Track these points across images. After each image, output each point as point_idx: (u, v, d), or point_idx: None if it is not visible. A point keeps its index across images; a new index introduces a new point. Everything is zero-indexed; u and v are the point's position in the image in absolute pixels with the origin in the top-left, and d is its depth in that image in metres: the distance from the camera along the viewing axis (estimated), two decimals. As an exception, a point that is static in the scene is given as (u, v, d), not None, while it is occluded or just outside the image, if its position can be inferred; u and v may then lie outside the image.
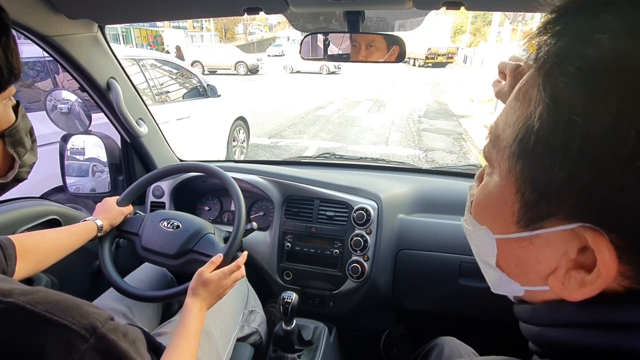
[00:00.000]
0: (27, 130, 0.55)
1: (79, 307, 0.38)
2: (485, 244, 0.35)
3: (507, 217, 0.31)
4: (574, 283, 0.27)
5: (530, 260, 0.31)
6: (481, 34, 36.56)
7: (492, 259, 0.35)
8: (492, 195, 0.33)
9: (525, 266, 0.31)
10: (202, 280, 0.78)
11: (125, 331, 0.40)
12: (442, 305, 1.17)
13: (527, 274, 0.31)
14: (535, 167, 0.27)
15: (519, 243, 0.31)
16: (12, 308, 0.35)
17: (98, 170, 1.31)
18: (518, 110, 0.29)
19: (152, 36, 30.38)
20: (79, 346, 0.35)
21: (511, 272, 0.33)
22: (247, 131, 4.43)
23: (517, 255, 0.32)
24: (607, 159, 0.23)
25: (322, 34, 0.95)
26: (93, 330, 0.36)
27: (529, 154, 0.27)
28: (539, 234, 0.29)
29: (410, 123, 7.03)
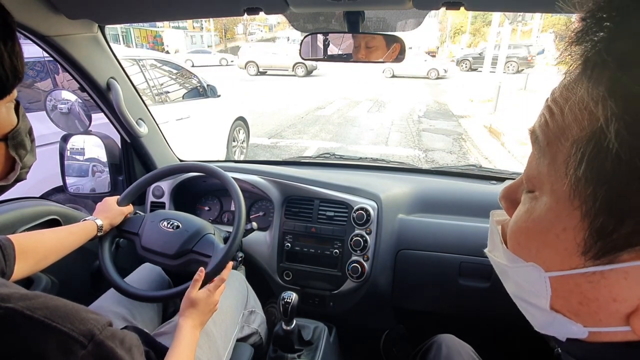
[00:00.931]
0: (27, 130, 0.55)
1: (78, 313, 0.38)
2: (533, 283, 0.29)
3: (567, 248, 0.26)
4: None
5: (600, 297, 0.25)
6: (481, 34, 36.57)
7: (543, 302, 0.28)
8: (544, 222, 0.27)
9: (595, 305, 0.26)
10: (190, 301, 0.79)
11: (122, 338, 0.40)
12: (442, 305, 1.17)
13: (597, 314, 0.26)
14: (615, 191, 0.22)
15: (586, 278, 0.25)
16: (10, 314, 0.34)
17: (98, 171, 1.31)
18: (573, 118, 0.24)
19: (152, 36, 30.39)
20: (77, 352, 0.35)
21: (572, 312, 0.27)
22: (247, 131, 4.43)
23: (582, 293, 0.26)
24: None
25: (322, 34, 0.95)
26: (91, 336, 0.36)
27: (604, 176, 0.22)
28: (617, 268, 0.24)
29: (410, 123, 7.03)
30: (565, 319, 0.28)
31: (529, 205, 0.29)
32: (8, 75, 0.45)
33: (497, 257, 0.34)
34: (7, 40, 0.45)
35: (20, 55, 0.47)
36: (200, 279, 0.82)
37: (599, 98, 0.22)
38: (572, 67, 0.25)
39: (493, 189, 1.28)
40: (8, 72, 0.45)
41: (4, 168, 0.52)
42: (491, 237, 0.35)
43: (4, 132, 0.50)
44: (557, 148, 0.25)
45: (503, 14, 9.13)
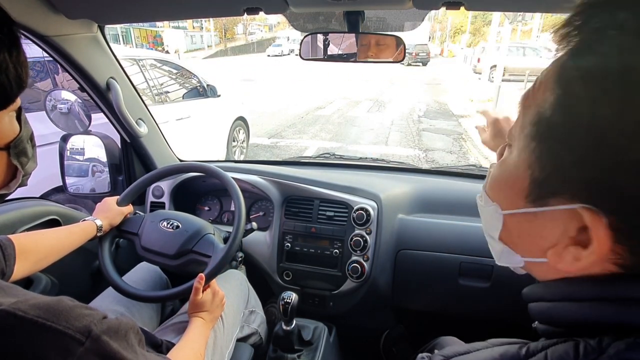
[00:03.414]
0: (29, 136, 0.55)
1: (72, 309, 0.37)
2: (493, 219, 0.38)
3: (517, 192, 0.33)
4: (569, 257, 0.30)
5: (533, 233, 0.33)
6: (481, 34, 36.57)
7: (496, 233, 0.38)
8: (508, 170, 0.35)
9: (528, 239, 0.34)
10: (197, 306, 0.82)
11: (117, 327, 0.40)
12: (442, 305, 1.17)
13: (529, 245, 0.34)
14: (545, 149, 0.30)
15: (525, 217, 0.33)
16: (3, 315, 0.34)
17: (98, 171, 1.31)
18: (538, 95, 0.32)
19: (152, 36, 30.39)
20: (74, 350, 0.35)
21: (514, 244, 0.36)
22: (247, 131, 4.43)
23: (522, 229, 0.35)
24: (609, 146, 0.25)
25: (322, 34, 0.95)
26: (88, 332, 0.36)
27: (540, 137, 0.30)
28: (544, 211, 0.31)
29: (410, 123, 7.03)
30: (508, 249, 0.37)
31: (504, 156, 0.37)
32: (12, 85, 0.45)
33: (480, 201, 0.42)
34: (13, 49, 0.45)
35: (25, 65, 0.47)
36: (201, 286, 0.83)
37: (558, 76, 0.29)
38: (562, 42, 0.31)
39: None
40: (12, 82, 0.45)
41: (5, 176, 0.52)
42: (482, 187, 0.43)
43: (6, 142, 0.50)
44: (527, 111, 0.33)
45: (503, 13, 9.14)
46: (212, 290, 0.85)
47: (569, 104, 0.28)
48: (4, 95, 0.45)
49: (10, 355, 0.33)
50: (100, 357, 0.36)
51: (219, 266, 0.89)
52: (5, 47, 0.43)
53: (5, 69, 0.43)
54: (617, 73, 0.25)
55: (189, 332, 0.76)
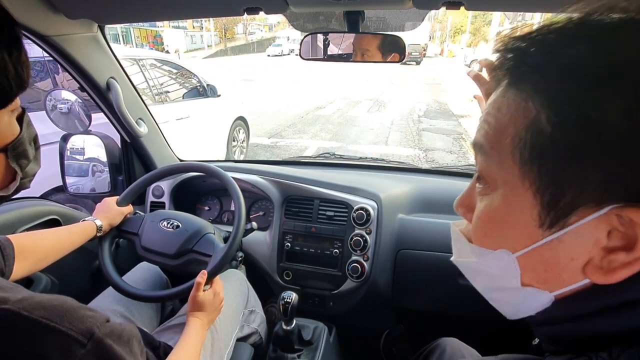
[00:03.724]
0: (31, 138, 0.53)
1: (76, 311, 0.37)
2: (503, 268, 0.33)
3: (528, 225, 0.30)
4: (617, 265, 0.27)
5: (561, 260, 0.30)
6: (481, 33, 36.56)
7: (515, 282, 0.33)
8: (503, 208, 0.32)
9: (558, 268, 0.30)
10: (197, 304, 0.81)
11: (120, 332, 0.40)
12: (442, 305, 1.17)
13: (560, 275, 0.30)
14: (557, 166, 0.27)
15: (547, 246, 0.30)
16: (7, 315, 0.34)
17: (98, 170, 1.31)
18: (508, 120, 0.30)
19: (152, 36, 30.38)
20: (76, 352, 0.35)
21: (540, 281, 0.32)
22: (247, 131, 4.43)
23: (546, 261, 0.30)
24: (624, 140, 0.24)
25: (322, 34, 0.95)
26: (90, 335, 0.36)
27: (546, 156, 0.28)
28: (568, 230, 0.28)
29: (410, 123, 7.02)
30: (534, 289, 0.32)
31: (487, 201, 0.33)
32: (12, 85, 0.44)
33: (465, 259, 0.38)
34: (13, 50, 0.44)
35: (27, 65, 0.46)
36: (203, 281, 0.83)
37: (527, 97, 0.28)
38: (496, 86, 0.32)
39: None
40: (12, 82, 0.44)
41: (4, 178, 0.51)
42: (456, 244, 0.40)
43: (4, 143, 0.48)
44: (500, 147, 0.30)
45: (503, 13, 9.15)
46: (213, 291, 0.85)
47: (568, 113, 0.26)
48: (3, 94, 0.44)
49: (13, 354, 0.33)
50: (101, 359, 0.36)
51: (219, 265, 0.89)
52: (5, 47, 0.43)
53: (3, 68, 0.43)
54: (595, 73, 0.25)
55: (186, 335, 0.76)
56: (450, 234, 0.40)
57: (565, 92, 0.26)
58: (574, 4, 0.28)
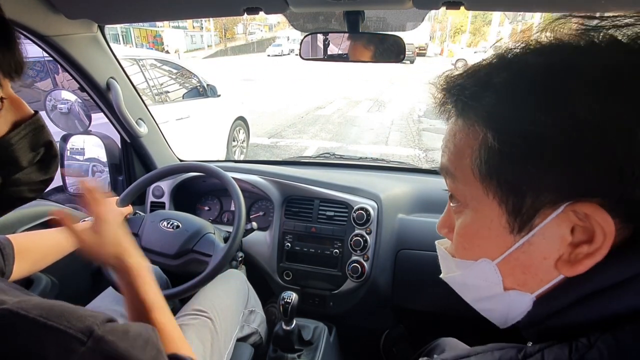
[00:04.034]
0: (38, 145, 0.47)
1: (74, 311, 0.37)
2: (486, 276, 0.36)
3: (500, 233, 0.33)
4: (582, 258, 0.30)
5: (535, 260, 0.32)
6: (481, 33, 36.58)
7: (498, 288, 0.35)
8: (476, 222, 0.35)
9: (533, 268, 0.33)
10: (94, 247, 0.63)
11: (125, 329, 0.39)
12: (442, 305, 1.17)
13: (537, 274, 0.33)
14: (511, 175, 0.31)
15: (520, 250, 0.33)
16: (5, 314, 0.34)
17: (98, 170, 1.31)
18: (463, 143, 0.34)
19: (152, 36, 30.38)
20: (76, 349, 0.35)
21: (520, 284, 0.34)
22: (247, 131, 4.43)
23: (522, 263, 0.33)
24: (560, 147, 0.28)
25: (322, 34, 0.95)
26: (90, 333, 0.36)
27: (499, 168, 0.31)
28: (536, 232, 0.31)
29: (410, 123, 7.02)
30: (517, 292, 0.35)
31: (462, 218, 0.37)
32: None
33: (452, 274, 0.41)
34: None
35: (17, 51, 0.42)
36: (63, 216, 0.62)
37: (472, 122, 0.33)
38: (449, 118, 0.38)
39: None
40: None
41: None
42: (442, 261, 0.44)
43: None
44: (462, 167, 0.34)
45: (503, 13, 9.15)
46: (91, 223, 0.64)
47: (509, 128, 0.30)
48: None
49: (12, 354, 0.33)
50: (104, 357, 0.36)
51: (219, 265, 0.89)
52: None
53: None
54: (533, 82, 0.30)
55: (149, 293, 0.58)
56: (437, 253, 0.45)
57: (501, 112, 0.31)
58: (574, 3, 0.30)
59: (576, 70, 0.29)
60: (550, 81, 0.29)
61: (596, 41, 0.29)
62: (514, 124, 0.30)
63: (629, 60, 0.28)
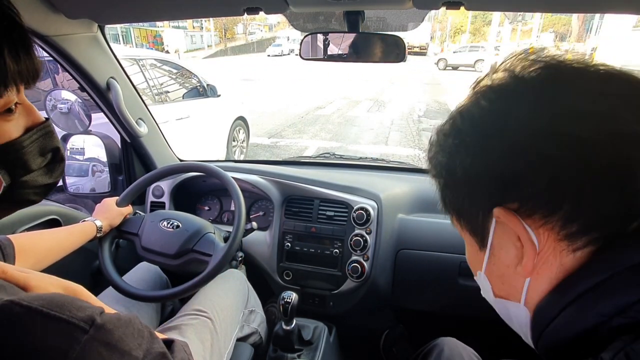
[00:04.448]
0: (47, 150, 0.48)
1: (74, 301, 0.38)
2: (484, 284, 0.40)
3: (475, 251, 0.38)
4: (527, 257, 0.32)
5: (503, 270, 0.36)
6: (481, 33, 36.59)
7: (490, 294, 0.40)
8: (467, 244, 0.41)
9: (506, 277, 0.36)
10: None
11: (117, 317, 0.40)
12: (442, 305, 1.17)
13: (512, 283, 0.36)
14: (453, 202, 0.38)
15: (490, 263, 0.37)
16: (8, 305, 0.35)
17: (98, 170, 1.31)
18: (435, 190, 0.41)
19: (152, 36, 30.37)
20: (79, 338, 0.35)
21: (504, 293, 0.38)
22: (247, 131, 4.43)
23: (497, 274, 0.37)
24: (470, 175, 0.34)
25: (322, 34, 0.95)
26: (92, 321, 0.37)
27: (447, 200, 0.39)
28: (492, 244, 0.35)
29: (410, 123, 7.02)
30: (506, 301, 0.38)
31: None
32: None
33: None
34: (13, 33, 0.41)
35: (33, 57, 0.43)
36: None
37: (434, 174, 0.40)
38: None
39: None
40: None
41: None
42: None
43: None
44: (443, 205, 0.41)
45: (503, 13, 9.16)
46: None
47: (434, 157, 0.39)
48: None
49: (16, 344, 0.34)
50: (105, 345, 0.37)
51: (219, 265, 0.90)
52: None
53: None
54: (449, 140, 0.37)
55: None
56: None
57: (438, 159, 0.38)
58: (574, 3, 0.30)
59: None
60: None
61: None
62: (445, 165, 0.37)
63: None
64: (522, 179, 0.31)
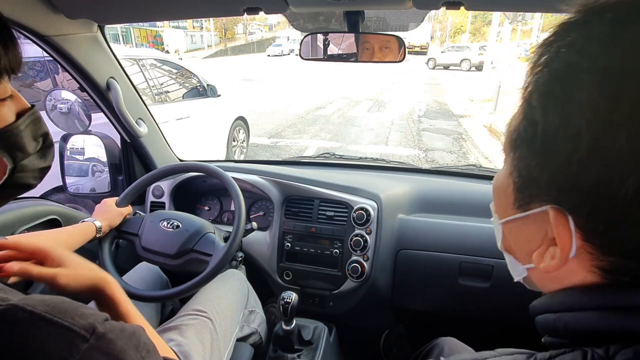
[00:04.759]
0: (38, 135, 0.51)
1: (76, 308, 0.38)
2: (497, 230, 0.40)
3: (508, 201, 0.36)
4: (548, 256, 0.32)
5: (522, 239, 0.36)
6: (481, 33, 36.61)
7: (499, 243, 0.40)
8: (500, 180, 0.38)
9: (520, 245, 0.36)
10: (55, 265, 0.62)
11: (121, 327, 0.40)
12: (442, 305, 1.17)
13: (521, 251, 0.36)
14: (519, 156, 0.33)
15: (515, 223, 0.36)
16: (11, 309, 0.35)
17: (98, 170, 1.31)
18: (517, 109, 0.35)
19: (152, 36, 30.38)
20: (79, 346, 0.35)
21: (513, 252, 0.38)
22: (247, 131, 4.43)
23: (515, 235, 0.37)
24: (560, 151, 0.28)
25: (322, 34, 0.95)
26: (92, 330, 0.37)
27: (516, 145, 0.34)
28: (528, 215, 0.33)
29: (410, 123, 7.02)
30: (512, 258, 0.38)
31: (501, 169, 0.39)
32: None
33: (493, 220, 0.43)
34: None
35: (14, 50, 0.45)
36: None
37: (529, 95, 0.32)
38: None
39: (493, 188, 1.28)
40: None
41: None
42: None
43: None
44: (509, 127, 0.35)
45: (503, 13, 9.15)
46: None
47: (528, 113, 0.32)
48: None
49: (16, 348, 0.34)
50: (105, 355, 0.37)
51: (219, 265, 0.90)
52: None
53: None
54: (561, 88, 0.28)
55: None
56: None
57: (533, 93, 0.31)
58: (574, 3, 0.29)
59: None
60: None
61: None
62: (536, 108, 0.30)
63: None
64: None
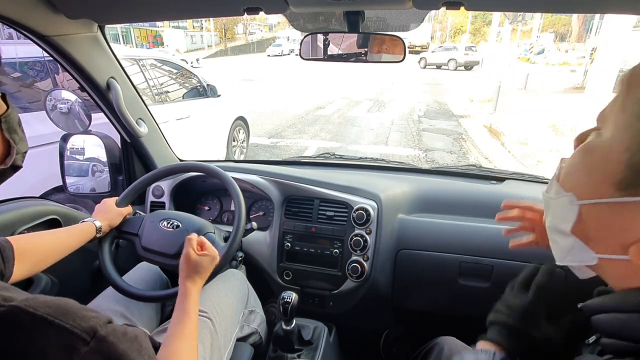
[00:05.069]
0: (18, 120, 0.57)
1: (79, 311, 0.38)
2: (565, 211, 0.34)
3: (605, 178, 0.30)
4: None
5: (616, 226, 0.30)
6: (481, 34, 36.62)
7: (567, 226, 0.34)
8: (596, 151, 0.32)
9: (609, 232, 0.31)
10: (192, 265, 0.77)
11: (124, 331, 0.40)
12: (442, 305, 1.17)
13: (607, 240, 0.31)
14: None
15: (609, 207, 0.30)
16: (14, 311, 0.35)
17: (98, 170, 1.31)
18: None
19: (152, 36, 30.38)
20: (79, 349, 0.35)
21: (588, 238, 0.32)
22: (247, 131, 4.43)
23: (603, 221, 0.31)
24: None
25: (322, 34, 0.95)
26: (93, 333, 0.37)
27: None
28: (637, 201, 0.28)
29: (410, 123, 7.02)
30: (581, 243, 0.33)
31: (590, 139, 0.33)
32: None
33: (548, 194, 0.38)
34: None
35: None
36: (195, 238, 0.80)
37: None
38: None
39: (493, 188, 1.28)
40: None
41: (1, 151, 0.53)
42: (551, 179, 0.39)
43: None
44: (632, 92, 0.30)
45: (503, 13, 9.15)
46: (211, 257, 0.81)
47: None
48: None
49: (17, 349, 0.34)
50: (105, 358, 0.37)
51: (219, 265, 0.89)
52: None
53: None
54: None
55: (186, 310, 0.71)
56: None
57: None
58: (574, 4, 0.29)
59: None
60: None
61: None
62: None
63: None
64: None
